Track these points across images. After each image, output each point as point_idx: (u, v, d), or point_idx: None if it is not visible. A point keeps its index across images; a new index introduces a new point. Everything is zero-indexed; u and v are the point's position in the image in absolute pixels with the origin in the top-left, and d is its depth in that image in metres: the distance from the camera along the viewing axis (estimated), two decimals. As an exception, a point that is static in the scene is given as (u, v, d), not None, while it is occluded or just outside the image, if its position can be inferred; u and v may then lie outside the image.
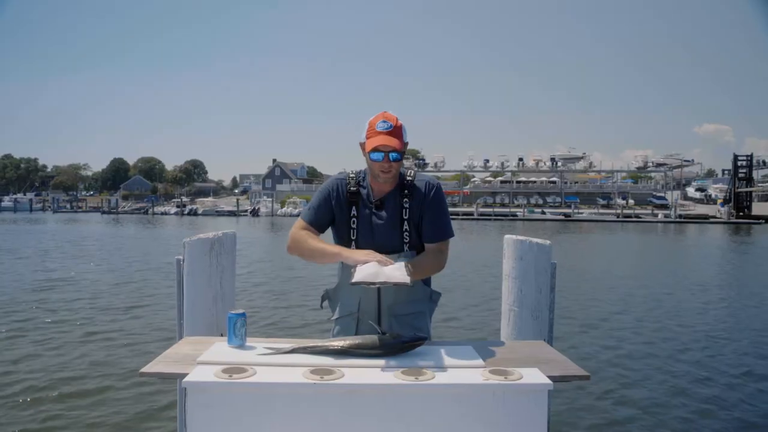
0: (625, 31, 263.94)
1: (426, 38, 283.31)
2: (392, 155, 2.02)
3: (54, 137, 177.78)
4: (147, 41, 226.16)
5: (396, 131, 2.03)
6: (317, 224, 2.13)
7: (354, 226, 2.12)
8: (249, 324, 1.92)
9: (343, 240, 2.14)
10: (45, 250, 19.00)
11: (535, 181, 71.42)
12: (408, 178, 2.13)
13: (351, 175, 2.17)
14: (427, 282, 2.20)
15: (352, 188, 2.14)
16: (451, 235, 2.14)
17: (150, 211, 69.87)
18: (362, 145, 2.09)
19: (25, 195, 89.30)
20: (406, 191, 2.11)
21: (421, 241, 2.12)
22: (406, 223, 2.09)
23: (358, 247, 2.08)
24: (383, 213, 2.11)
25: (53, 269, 13.76)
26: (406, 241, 2.09)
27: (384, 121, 2.04)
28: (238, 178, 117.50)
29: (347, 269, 2.01)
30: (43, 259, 16.15)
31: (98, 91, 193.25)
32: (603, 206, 61.84)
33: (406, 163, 2.43)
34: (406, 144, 2.08)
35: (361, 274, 1.80)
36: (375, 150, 2.02)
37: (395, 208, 2.11)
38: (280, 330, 7.39)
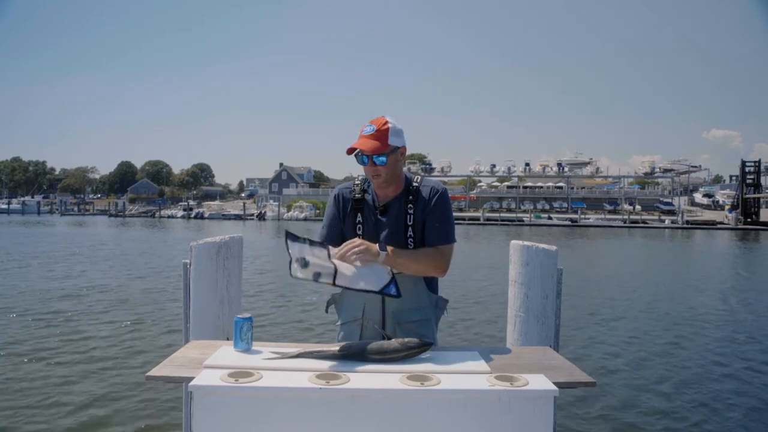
0: (633, 35, 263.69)
1: (434, 42, 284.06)
2: (375, 159, 2.00)
3: (62, 140, 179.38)
4: (154, 43, 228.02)
5: (379, 134, 1.99)
6: (332, 241, 2.12)
7: (360, 232, 2.12)
8: (255, 328, 1.93)
9: None
10: (60, 255, 19.08)
11: (541, 187, 71.31)
12: (414, 183, 2.13)
13: (356, 182, 2.18)
14: (433, 289, 2.19)
15: (357, 195, 2.15)
16: (452, 240, 2.10)
17: (157, 214, 70.21)
18: None
19: (33, 197, 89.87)
20: (410, 197, 2.10)
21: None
22: (410, 229, 2.09)
23: None
24: (387, 219, 2.11)
25: (61, 276, 13.82)
26: (411, 247, 2.08)
27: (369, 125, 2.02)
28: (244, 182, 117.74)
29: None
30: (60, 264, 16.24)
31: (105, 94, 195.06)
32: (610, 212, 61.74)
33: (414, 168, 2.41)
34: (398, 148, 2.04)
35: (342, 279, 1.83)
36: (355, 154, 2.03)
37: (399, 213, 2.10)
38: (286, 334, 7.40)
